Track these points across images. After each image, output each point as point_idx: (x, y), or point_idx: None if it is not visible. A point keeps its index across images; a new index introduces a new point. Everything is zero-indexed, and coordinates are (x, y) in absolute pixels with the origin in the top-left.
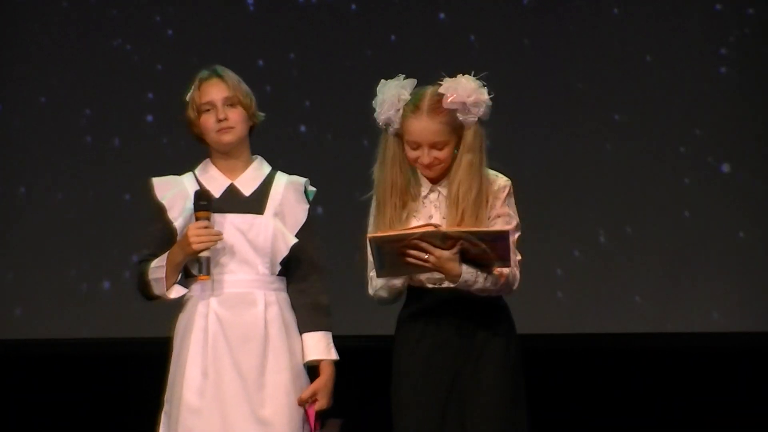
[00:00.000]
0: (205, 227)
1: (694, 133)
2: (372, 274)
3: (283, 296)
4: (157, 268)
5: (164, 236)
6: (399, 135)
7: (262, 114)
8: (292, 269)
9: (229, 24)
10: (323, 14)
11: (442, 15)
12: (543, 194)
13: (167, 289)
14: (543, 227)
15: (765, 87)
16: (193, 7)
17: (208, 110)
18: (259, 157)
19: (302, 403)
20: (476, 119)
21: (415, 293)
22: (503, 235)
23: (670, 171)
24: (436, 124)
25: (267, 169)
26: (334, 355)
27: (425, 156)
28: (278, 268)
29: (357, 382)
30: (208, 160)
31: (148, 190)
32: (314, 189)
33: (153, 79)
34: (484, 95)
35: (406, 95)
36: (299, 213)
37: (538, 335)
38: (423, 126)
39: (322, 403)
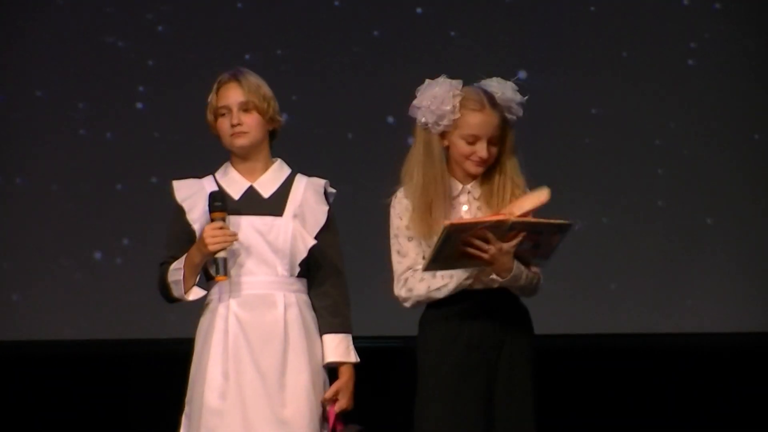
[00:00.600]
0: (221, 228)
1: (669, 126)
2: (407, 274)
3: (304, 298)
4: (176, 270)
5: (185, 238)
6: (442, 133)
7: (282, 118)
8: (313, 271)
9: (218, 20)
10: (308, 10)
11: (420, 10)
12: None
13: (186, 292)
14: None
15: (734, 79)
16: (184, 4)
17: (224, 114)
18: (279, 160)
19: (325, 402)
20: (515, 120)
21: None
22: (567, 228)
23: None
24: (496, 118)
25: (287, 171)
26: (354, 358)
27: (483, 150)
28: (298, 269)
29: (375, 385)
30: (228, 162)
31: (170, 193)
32: (334, 191)
33: (145, 73)
34: (520, 98)
35: (458, 92)
36: (319, 214)
37: None
38: (485, 119)
39: (342, 403)
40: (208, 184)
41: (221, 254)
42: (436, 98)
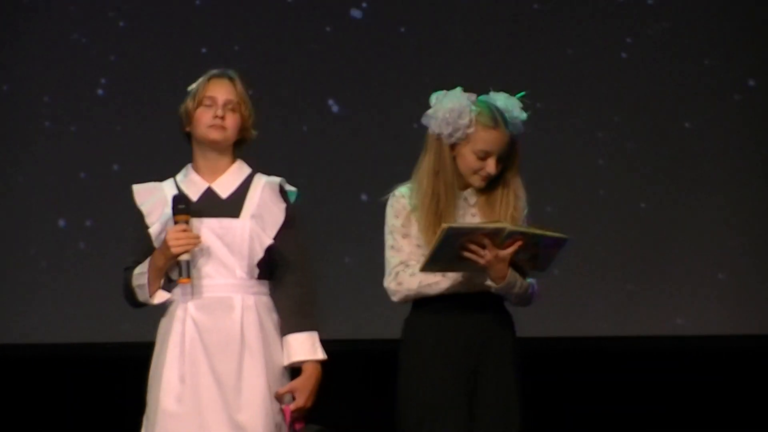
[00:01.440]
0: (184, 230)
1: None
2: (399, 268)
3: (264, 300)
4: (140, 274)
5: (146, 243)
6: (453, 145)
7: (255, 132)
8: (275, 271)
9: (177, 15)
10: (264, 5)
11: (364, 4)
12: None
13: (151, 296)
14: None
15: (668, 71)
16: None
17: (208, 105)
18: (240, 160)
19: (279, 397)
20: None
21: (436, 296)
22: (564, 242)
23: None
24: (507, 135)
25: (247, 171)
26: (320, 355)
27: (492, 166)
28: (257, 271)
29: (343, 387)
30: (189, 165)
31: (130, 198)
32: (293, 189)
33: (106, 67)
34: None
35: (475, 106)
36: (276, 213)
37: None
38: (498, 137)
39: (299, 401)
40: (168, 188)
41: (184, 257)
42: (454, 111)
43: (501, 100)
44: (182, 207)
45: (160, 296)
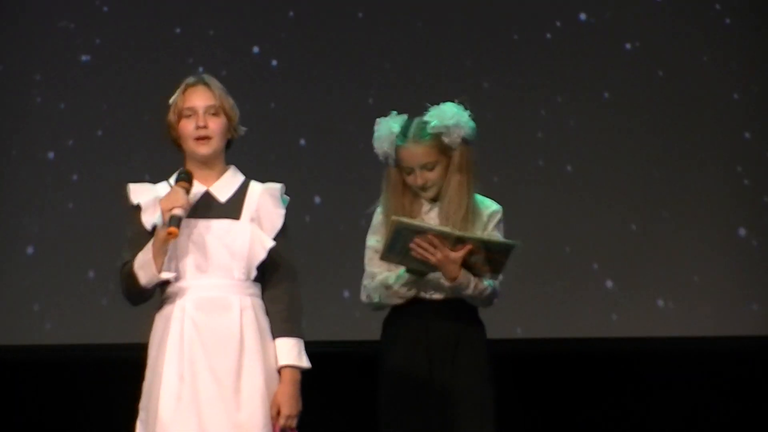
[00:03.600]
0: (184, 191)
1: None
2: (366, 282)
3: (258, 302)
4: (143, 254)
5: (142, 239)
6: (398, 166)
7: (244, 128)
8: (268, 275)
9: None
10: None
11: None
12: None
13: (158, 270)
14: None
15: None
16: None
17: (189, 116)
18: (233, 166)
19: (273, 420)
20: (460, 140)
21: (411, 300)
22: (510, 248)
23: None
24: (421, 147)
25: (241, 177)
26: (305, 363)
27: (418, 177)
28: (254, 273)
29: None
30: (181, 168)
31: (124, 195)
32: (288, 198)
33: (90, 48)
34: (464, 117)
35: (396, 128)
36: (275, 218)
37: None
38: (411, 151)
39: (285, 411)
40: (162, 190)
41: (177, 211)
42: (379, 138)
43: (432, 112)
44: (184, 176)
45: (166, 273)
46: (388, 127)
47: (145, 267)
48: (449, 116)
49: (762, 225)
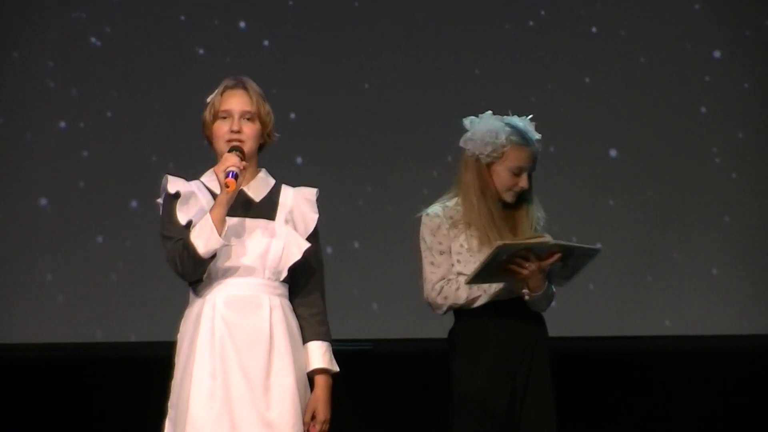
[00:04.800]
0: (237, 157)
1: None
2: (442, 283)
3: (287, 303)
4: (201, 223)
5: (180, 227)
6: (488, 164)
7: (278, 135)
8: (300, 278)
9: None
10: None
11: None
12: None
13: (220, 234)
14: None
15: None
16: None
17: (224, 118)
18: (264, 169)
19: (307, 425)
20: None
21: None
22: (594, 254)
23: None
24: (534, 153)
25: (272, 180)
26: (336, 367)
27: (525, 181)
28: (285, 274)
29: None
30: (213, 170)
31: (164, 185)
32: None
33: (101, 35)
34: None
35: (507, 127)
36: (309, 221)
37: None
38: (530, 154)
39: (320, 417)
40: (196, 187)
41: (233, 168)
42: (491, 132)
43: (520, 121)
44: (236, 148)
45: (226, 237)
46: (499, 123)
47: (203, 235)
48: (533, 131)
49: None
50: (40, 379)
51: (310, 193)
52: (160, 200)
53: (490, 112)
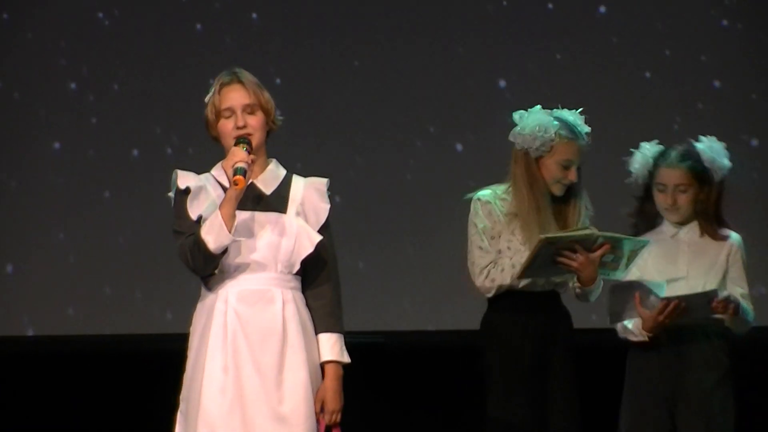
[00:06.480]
0: (245, 151)
1: None
2: (489, 267)
3: (299, 296)
4: (211, 219)
5: (191, 222)
6: (537, 158)
7: (281, 118)
8: (311, 269)
9: None
10: None
11: None
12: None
13: (230, 230)
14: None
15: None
16: None
17: (228, 116)
18: (275, 160)
19: (317, 416)
20: None
21: (510, 295)
22: (645, 245)
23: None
24: (583, 146)
25: (283, 171)
26: (347, 358)
27: (574, 174)
28: (297, 267)
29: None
30: (221, 163)
31: (174, 180)
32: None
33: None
34: None
35: (556, 122)
36: (321, 212)
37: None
38: (578, 148)
39: (329, 407)
40: (206, 182)
41: (240, 164)
42: (540, 126)
43: (569, 115)
44: (244, 140)
45: (237, 232)
46: (547, 117)
47: (213, 231)
48: (583, 124)
49: None
50: (42, 372)
51: (321, 184)
52: (171, 194)
53: (539, 106)
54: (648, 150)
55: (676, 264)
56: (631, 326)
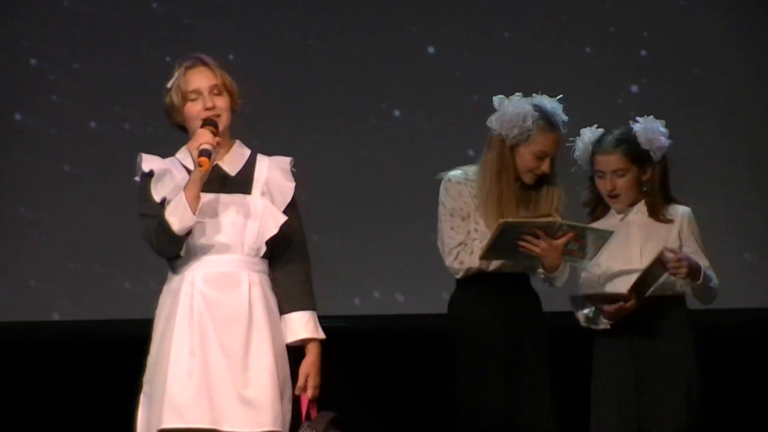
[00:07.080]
0: (211, 133)
1: None
2: (459, 248)
3: (266, 279)
4: (175, 201)
5: (156, 205)
6: (512, 146)
7: (242, 101)
8: (280, 248)
9: None
10: None
11: None
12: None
13: (194, 212)
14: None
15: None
16: None
17: (194, 99)
18: (238, 141)
19: (300, 392)
20: None
21: (480, 276)
22: (609, 235)
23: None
24: (560, 137)
25: (248, 151)
26: (321, 335)
27: (548, 165)
28: (264, 249)
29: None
30: (186, 146)
31: (138, 164)
32: (294, 169)
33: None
34: None
35: (535, 111)
36: (286, 191)
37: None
38: (556, 139)
39: (311, 382)
40: (171, 165)
41: (206, 145)
42: (519, 114)
43: (548, 103)
44: (209, 121)
45: (202, 214)
46: (527, 105)
47: (177, 212)
48: (561, 113)
49: None
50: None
51: (285, 162)
52: (136, 178)
53: (519, 94)
54: (588, 137)
55: (629, 247)
56: (593, 315)
